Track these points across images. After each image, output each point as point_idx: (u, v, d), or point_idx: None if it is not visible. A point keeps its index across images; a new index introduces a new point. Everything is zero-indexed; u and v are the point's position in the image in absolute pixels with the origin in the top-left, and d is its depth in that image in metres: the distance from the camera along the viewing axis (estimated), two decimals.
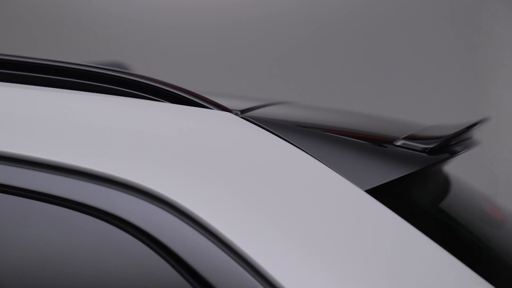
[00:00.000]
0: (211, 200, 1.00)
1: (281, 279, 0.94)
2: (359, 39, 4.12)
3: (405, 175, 1.12)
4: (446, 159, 1.25)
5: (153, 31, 4.54)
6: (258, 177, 1.05)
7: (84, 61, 1.38)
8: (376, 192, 1.07)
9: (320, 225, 1.00)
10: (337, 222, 1.01)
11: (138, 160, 1.05)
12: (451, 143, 1.29)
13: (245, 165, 1.06)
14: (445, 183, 1.41)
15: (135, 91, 1.21)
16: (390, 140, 1.21)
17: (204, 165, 1.05)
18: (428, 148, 1.18)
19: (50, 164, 1.05)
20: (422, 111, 3.85)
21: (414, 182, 1.23)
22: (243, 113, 1.21)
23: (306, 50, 4.20)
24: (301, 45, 4.21)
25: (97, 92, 1.22)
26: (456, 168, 1.50)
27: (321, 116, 1.54)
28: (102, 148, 1.06)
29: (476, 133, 1.48)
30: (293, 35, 4.24)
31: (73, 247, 1.02)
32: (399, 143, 1.19)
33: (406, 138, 1.20)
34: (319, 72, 4.17)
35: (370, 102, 4.04)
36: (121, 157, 1.05)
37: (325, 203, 1.04)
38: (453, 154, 1.27)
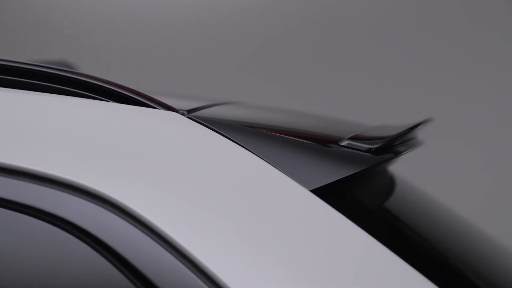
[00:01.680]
0: (155, 200, 1.00)
1: (224, 277, 0.94)
2: (329, 38, 4.14)
3: (350, 175, 1.13)
4: (390, 159, 1.27)
5: (120, 30, 4.47)
6: (203, 177, 1.05)
7: (28, 59, 1.36)
8: (321, 192, 1.08)
9: (265, 224, 1.01)
10: (282, 222, 1.02)
11: (82, 161, 1.03)
12: (395, 143, 1.31)
13: (190, 165, 1.06)
14: (389, 183, 1.43)
15: (80, 90, 1.20)
16: (335, 140, 1.22)
17: (148, 165, 1.04)
18: (372, 148, 1.19)
19: None
20: (366, 111, 3.88)
21: (359, 182, 1.24)
22: (189, 113, 1.21)
23: (278, 48, 4.19)
24: (271, 43, 4.20)
25: (41, 91, 1.20)
26: (400, 168, 1.52)
27: (267, 116, 1.55)
28: (44, 148, 1.05)
29: (419, 133, 1.51)
30: (262, 33, 4.22)
31: (15, 249, 1.01)
32: (344, 143, 1.20)
33: (351, 138, 1.22)
34: (290, 70, 4.17)
35: (335, 100, 4.05)
36: (65, 158, 1.03)
37: (270, 202, 1.04)
38: (397, 154, 1.29)
